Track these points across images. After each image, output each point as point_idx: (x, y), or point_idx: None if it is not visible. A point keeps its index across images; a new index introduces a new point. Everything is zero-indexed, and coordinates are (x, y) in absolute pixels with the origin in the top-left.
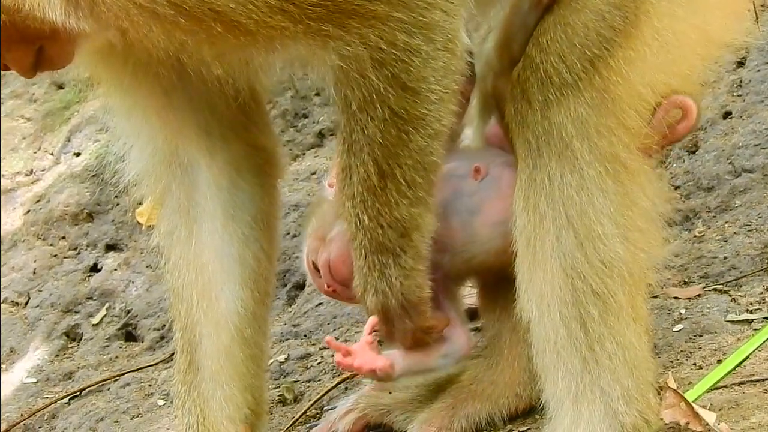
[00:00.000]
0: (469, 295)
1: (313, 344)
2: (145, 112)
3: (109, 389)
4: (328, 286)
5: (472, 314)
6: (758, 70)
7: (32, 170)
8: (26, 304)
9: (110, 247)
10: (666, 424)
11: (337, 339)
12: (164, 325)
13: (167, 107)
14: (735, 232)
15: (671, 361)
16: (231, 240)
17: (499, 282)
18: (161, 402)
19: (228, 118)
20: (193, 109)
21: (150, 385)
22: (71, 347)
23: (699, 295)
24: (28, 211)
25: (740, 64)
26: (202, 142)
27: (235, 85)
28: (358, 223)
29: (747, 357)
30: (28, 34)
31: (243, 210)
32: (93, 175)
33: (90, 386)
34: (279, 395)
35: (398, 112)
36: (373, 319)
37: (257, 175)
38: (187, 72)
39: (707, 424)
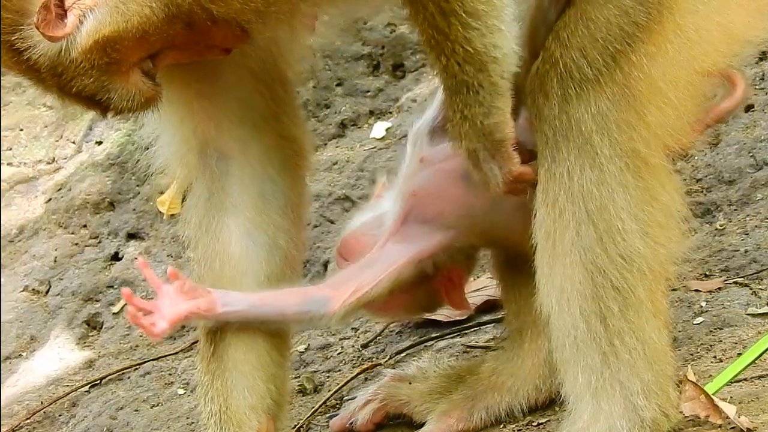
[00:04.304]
0: (491, 287)
1: (333, 334)
2: (179, 100)
3: (129, 378)
4: None
5: (494, 306)
6: None
7: (54, 158)
8: (47, 292)
9: (131, 236)
10: (685, 417)
11: (356, 330)
12: None
13: (201, 95)
14: (756, 226)
15: (691, 354)
16: (262, 230)
17: (521, 275)
18: (181, 391)
19: (261, 108)
20: (228, 98)
21: (170, 374)
22: (92, 336)
23: (720, 288)
24: (50, 200)
25: (762, 57)
26: (235, 131)
27: (268, 73)
28: (439, 65)
29: (767, 350)
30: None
31: (273, 200)
32: (114, 164)
33: (110, 375)
34: (299, 385)
35: None
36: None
37: (287, 167)
38: (223, 60)
39: (727, 417)
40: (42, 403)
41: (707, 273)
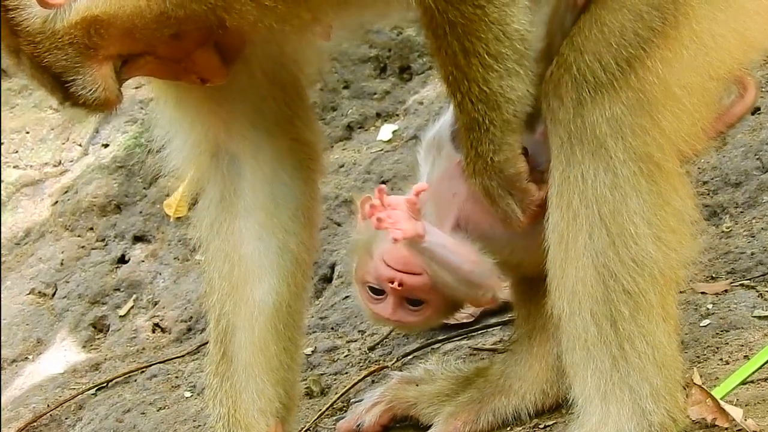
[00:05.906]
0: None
1: (340, 337)
2: (191, 103)
3: (135, 381)
4: (399, 284)
5: (501, 308)
6: None
7: (60, 161)
8: (53, 295)
9: (138, 239)
10: (693, 421)
11: (363, 333)
12: (191, 317)
13: (216, 99)
14: (763, 228)
15: (698, 356)
16: (272, 233)
17: (532, 279)
18: (188, 394)
19: (273, 111)
20: (241, 102)
21: (177, 377)
22: (98, 338)
23: (726, 291)
24: (56, 202)
25: None
26: (248, 134)
27: (280, 76)
28: (454, 102)
29: None
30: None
31: (285, 203)
32: (121, 167)
33: (117, 377)
34: (306, 388)
35: None
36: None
37: (300, 170)
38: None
39: (734, 420)
40: (48, 405)
41: (714, 275)
